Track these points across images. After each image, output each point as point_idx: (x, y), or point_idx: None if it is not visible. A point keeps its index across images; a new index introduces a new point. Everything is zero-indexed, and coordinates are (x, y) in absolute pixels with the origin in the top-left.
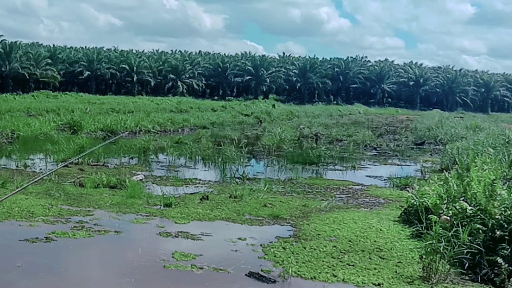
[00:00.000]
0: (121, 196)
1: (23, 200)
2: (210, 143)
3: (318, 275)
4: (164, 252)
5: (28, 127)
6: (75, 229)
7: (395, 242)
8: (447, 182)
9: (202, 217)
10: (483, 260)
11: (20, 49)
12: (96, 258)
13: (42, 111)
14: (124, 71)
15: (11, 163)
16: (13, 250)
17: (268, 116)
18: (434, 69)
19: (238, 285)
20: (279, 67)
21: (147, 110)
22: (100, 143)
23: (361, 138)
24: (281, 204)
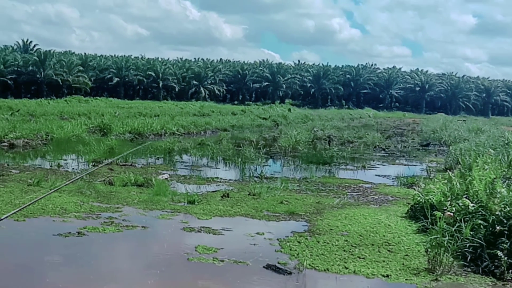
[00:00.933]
0: (148, 194)
1: (57, 197)
2: (230, 145)
3: (330, 267)
4: (187, 246)
5: (61, 129)
6: (105, 225)
7: (403, 236)
8: (450, 181)
9: (223, 213)
10: (484, 253)
11: (54, 57)
12: (124, 251)
13: (74, 114)
14: (151, 77)
15: (46, 163)
16: (47, 244)
17: (284, 120)
18: (438, 75)
19: (256, 276)
20: (295, 74)
21: (172, 114)
22: (128, 145)
23: (370, 140)
24: (297, 201)
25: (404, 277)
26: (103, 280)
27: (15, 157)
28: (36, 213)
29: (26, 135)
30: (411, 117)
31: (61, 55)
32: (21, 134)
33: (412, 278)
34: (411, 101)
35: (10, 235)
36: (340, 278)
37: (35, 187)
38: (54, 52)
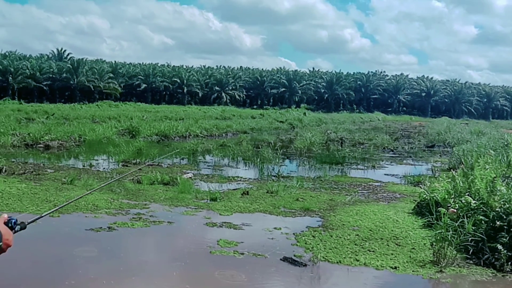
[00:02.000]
0: (173, 192)
1: (89, 195)
2: (250, 146)
3: (343, 260)
4: (210, 240)
5: (93, 132)
6: (133, 220)
7: (409, 231)
8: (454, 179)
9: (243, 210)
10: (485, 246)
11: (86, 65)
12: (151, 245)
13: (105, 118)
14: (176, 83)
15: (78, 163)
16: (80, 238)
17: (300, 123)
18: (443, 82)
19: (274, 268)
20: (309, 81)
21: (195, 118)
22: (155, 146)
23: (380, 142)
24: (311, 198)
25: (411, 269)
26: (131, 272)
27: (50, 157)
28: (70, 209)
29: (61, 137)
30: (417, 121)
31: (92, 63)
32: (56, 136)
33: (419, 270)
34: (417, 106)
35: (46, 230)
36: (352, 270)
37: (68, 185)
38: (86, 60)
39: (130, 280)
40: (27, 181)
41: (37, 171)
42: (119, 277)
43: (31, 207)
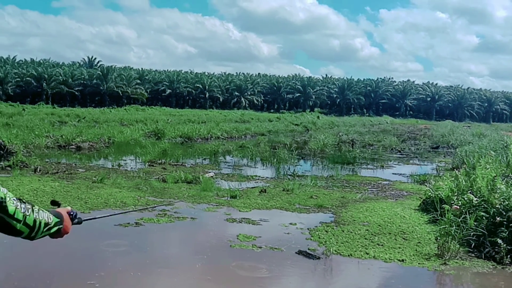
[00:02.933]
0: (196, 190)
1: (118, 193)
2: (267, 147)
3: (353, 253)
4: (230, 235)
5: (121, 134)
6: (159, 216)
7: (416, 226)
8: (457, 178)
9: (260, 206)
10: (486, 241)
11: (115, 72)
12: (175, 239)
13: (133, 121)
14: (198, 89)
15: (108, 163)
16: (109, 233)
17: (314, 126)
18: (446, 87)
19: (289, 261)
20: (323, 86)
21: (216, 121)
22: (179, 147)
23: (388, 143)
24: (324, 196)
25: (417, 262)
26: (157, 264)
27: (82, 158)
28: (100, 206)
29: (91, 139)
30: (423, 124)
31: (121, 70)
32: (87, 138)
33: (424, 262)
34: (423, 110)
35: (78, 225)
36: (362, 262)
37: (98, 184)
38: (115, 67)
39: (155, 272)
40: (60, 180)
41: (69, 170)
42: (145, 269)
43: (63, 203)
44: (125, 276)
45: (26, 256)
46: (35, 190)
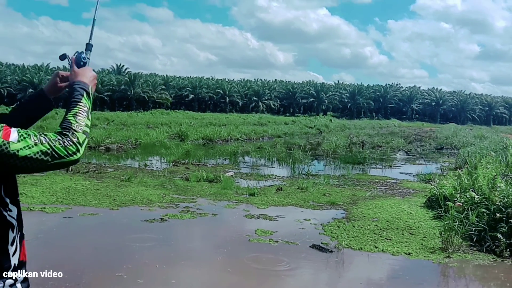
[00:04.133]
0: (217, 188)
1: (144, 191)
2: (283, 148)
3: (363, 247)
4: (249, 230)
5: (147, 136)
6: (182, 212)
7: (421, 222)
8: (460, 177)
9: (277, 203)
10: (487, 235)
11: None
12: (198, 234)
13: (158, 124)
14: (219, 94)
15: (135, 163)
16: (136, 228)
17: (326, 128)
18: (450, 93)
19: (304, 254)
20: (335, 92)
21: (236, 124)
22: (201, 148)
23: (395, 145)
24: (336, 193)
25: (423, 255)
26: (180, 257)
27: (110, 158)
28: (127, 203)
29: (119, 141)
30: (428, 126)
31: (147, 76)
32: (115, 140)
33: (429, 256)
34: (428, 113)
35: (107, 221)
36: (371, 255)
37: (126, 182)
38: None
39: (179, 264)
40: (90, 179)
41: (99, 170)
42: (169, 262)
43: (93, 201)
44: (151, 268)
45: (59, 249)
46: (67, 188)
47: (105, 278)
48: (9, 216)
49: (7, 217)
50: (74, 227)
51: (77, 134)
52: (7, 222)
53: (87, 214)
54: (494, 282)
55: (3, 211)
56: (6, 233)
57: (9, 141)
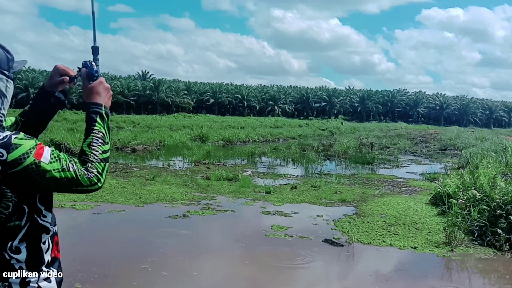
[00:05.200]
0: (236, 186)
1: (167, 189)
2: (297, 149)
3: (372, 241)
4: (265, 225)
5: (171, 138)
6: (203, 209)
7: (426, 218)
8: (462, 176)
9: (292, 201)
10: (488, 230)
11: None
12: (218, 229)
13: (181, 127)
14: (238, 99)
15: (159, 163)
16: (160, 224)
17: (338, 130)
18: (453, 97)
19: (317, 248)
20: (346, 96)
21: (253, 126)
22: (221, 149)
23: (402, 146)
24: (347, 191)
25: (428, 249)
26: (201, 251)
27: (136, 158)
28: (152, 200)
29: (144, 142)
30: (433, 129)
31: (170, 82)
32: (141, 141)
33: (434, 249)
34: (432, 117)
35: (133, 217)
36: (380, 249)
37: (151, 181)
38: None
39: (200, 257)
40: (117, 178)
41: (125, 169)
42: (191, 255)
43: (120, 198)
44: (174, 261)
45: (88, 244)
46: None
47: (131, 270)
48: (42, 221)
49: (40, 221)
50: (102, 223)
51: (95, 164)
52: (40, 226)
53: (115, 210)
54: (494, 274)
55: (37, 217)
56: (39, 235)
57: (40, 161)
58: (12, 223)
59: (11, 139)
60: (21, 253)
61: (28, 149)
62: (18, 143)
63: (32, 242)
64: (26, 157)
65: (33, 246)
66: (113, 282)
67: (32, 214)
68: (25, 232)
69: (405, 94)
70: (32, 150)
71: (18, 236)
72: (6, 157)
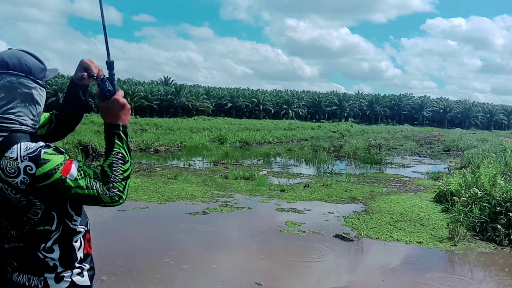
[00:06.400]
0: (252, 185)
1: (188, 187)
2: (310, 150)
3: (380, 236)
4: (280, 221)
5: (191, 139)
6: (222, 206)
7: (431, 214)
8: (464, 175)
9: (304, 198)
10: (488, 226)
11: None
12: (235, 225)
13: (200, 129)
14: (254, 103)
15: (180, 163)
16: (181, 220)
17: (348, 132)
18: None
19: (328, 243)
20: (355, 101)
21: (268, 129)
22: (238, 150)
23: (408, 147)
24: (357, 190)
25: (432, 243)
26: (220, 245)
27: (159, 158)
28: (174, 198)
29: (166, 143)
30: (437, 131)
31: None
32: (163, 143)
33: (438, 244)
34: (437, 120)
35: (155, 214)
36: (387, 244)
37: (172, 180)
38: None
39: (219, 251)
40: (141, 177)
41: (148, 169)
42: (210, 249)
43: (144, 196)
44: (194, 255)
45: (113, 238)
46: None
47: (154, 263)
48: (73, 225)
49: (71, 226)
50: (127, 219)
51: (117, 184)
52: (71, 229)
53: (138, 207)
54: (495, 267)
55: (68, 222)
56: (71, 237)
57: (66, 177)
58: (42, 227)
59: (40, 153)
60: (55, 252)
61: (56, 165)
62: (47, 158)
63: (64, 243)
64: (53, 173)
65: (65, 246)
66: (137, 275)
67: (62, 219)
68: (57, 235)
69: (410, 98)
70: (59, 166)
71: (51, 239)
72: (34, 171)
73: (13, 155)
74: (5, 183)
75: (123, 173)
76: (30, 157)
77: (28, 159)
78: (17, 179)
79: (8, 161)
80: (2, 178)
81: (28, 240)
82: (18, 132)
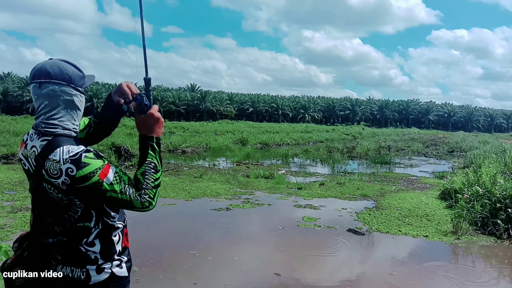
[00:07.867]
0: (272, 183)
1: (213, 185)
2: (325, 151)
3: (389, 230)
4: (297, 217)
5: (216, 141)
6: (244, 203)
7: (436, 210)
8: (467, 174)
9: (320, 196)
10: (489, 221)
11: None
12: (256, 220)
13: (224, 132)
14: (273, 108)
15: (205, 163)
16: (206, 215)
17: (360, 135)
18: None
19: (342, 236)
20: (366, 106)
21: (287, 131)
22: (259, 151)
23: (415, 148)
24: (368, 187)
25: (437, 237)
26: (242, 238)
27: (185, 159)
28: (200, 195)
29: (193, 145)
30: (442, 134)
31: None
32: (190, 144)
33: (443, 238)
34: (441, 123)
35: (182, 210)
36: (396, 237)
37: (198, 178)
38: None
39: (241, 244)
40: (169, 176)
41: (176, 168)
42: (233, 242)
43: (172, 193)
44: (218, 247)
45: (144, 233)
46: None
47: (182, 255)
48: (111, 222)
49: (109, 222)
50: (156, 215)
51: (148, 191)
52: (110, 225)
53: (167, 204)
54: (495, 259)
55: (106, 219)
56: (110, 232)
57: (103, 181)
58: (82, 224)
59: (81, 157)
60: (96, 246)
61: (95, 168)
62: (87, 161)
63: (104, 237)
64: (92, 176)
65: (105, 240)
66: (166, 266)
67: (101, 216)
68: (98, 231)
69: (417, 103)
70: (98, 170)
71: (92, 234)
72: (75, 173)
73: (56, 157)
74: (49, 183)
75: (155, 181)
76: (72, 160)
77: (69, 161)
78: (59, 180)
79: (51, 163)
80: (46, 178)
81: (70, 235)
82: (61, 136)
